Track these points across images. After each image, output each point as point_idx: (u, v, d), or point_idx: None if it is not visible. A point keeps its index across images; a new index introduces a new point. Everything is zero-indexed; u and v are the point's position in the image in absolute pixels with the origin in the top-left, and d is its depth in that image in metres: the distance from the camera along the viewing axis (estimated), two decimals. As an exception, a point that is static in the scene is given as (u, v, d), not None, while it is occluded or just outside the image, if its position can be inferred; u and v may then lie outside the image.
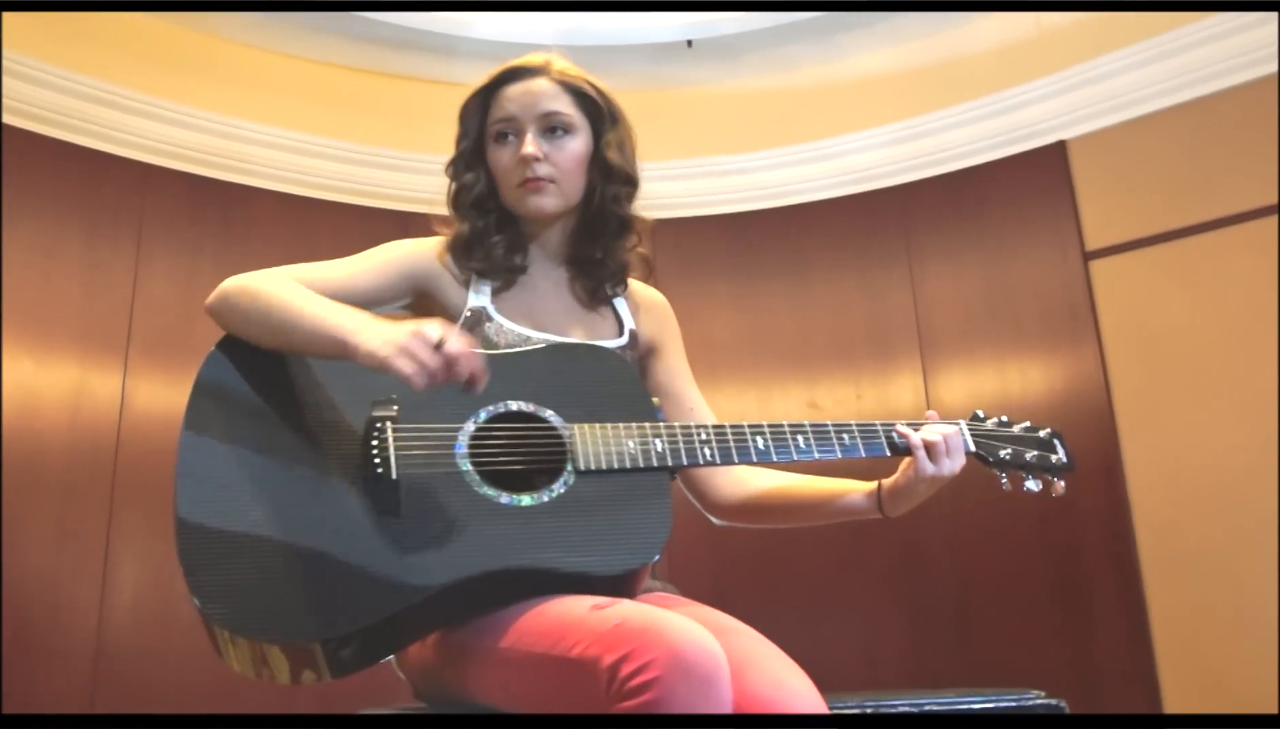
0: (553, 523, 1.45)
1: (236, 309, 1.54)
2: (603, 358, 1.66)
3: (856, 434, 1.65)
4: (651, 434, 1.55)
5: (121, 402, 3.67)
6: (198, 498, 1.42)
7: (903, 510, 1.70)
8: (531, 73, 1.76)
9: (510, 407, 1.55)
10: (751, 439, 1.61)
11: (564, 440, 1.53)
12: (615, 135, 1.78)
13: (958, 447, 1.67)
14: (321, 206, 4.26)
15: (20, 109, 3.73)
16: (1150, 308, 3.80)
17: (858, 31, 4.35)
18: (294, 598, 1.37)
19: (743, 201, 4.55)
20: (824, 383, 4.26)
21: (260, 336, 1.52)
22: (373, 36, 4.28)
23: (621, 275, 1.81)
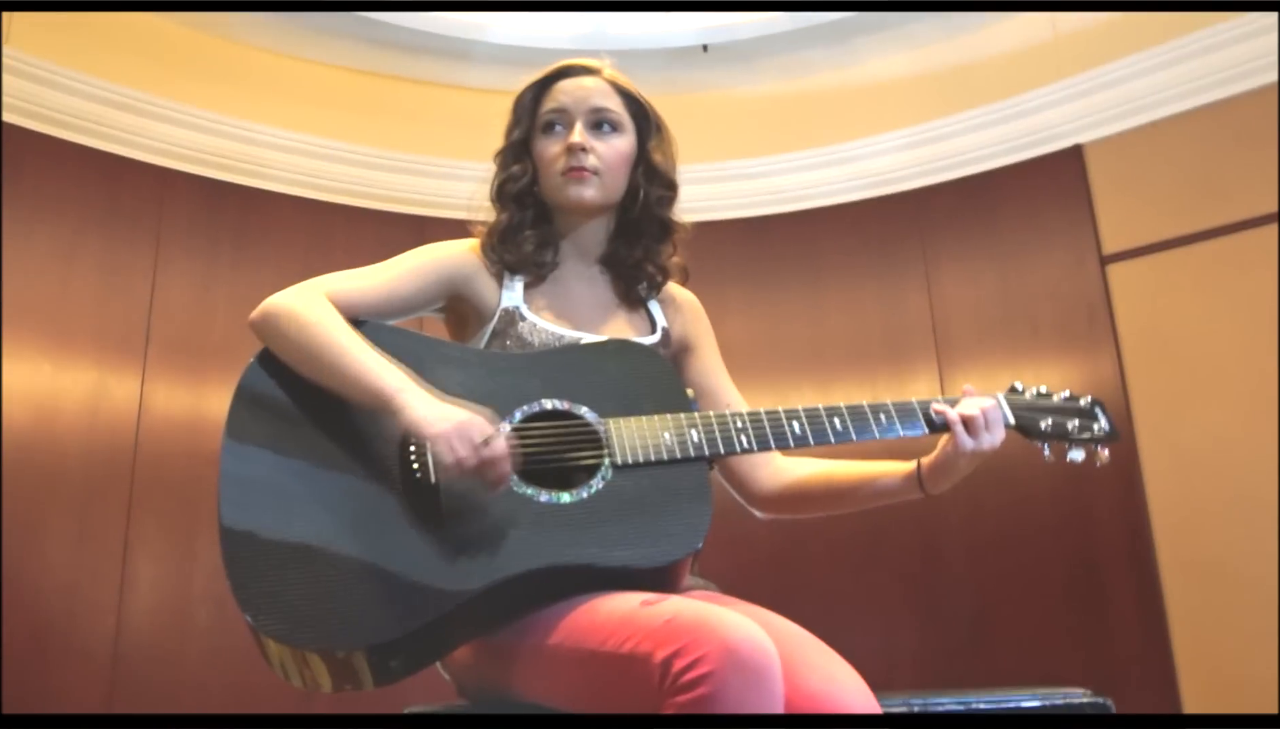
0: (593, 519, 1.46)
1: (281, 335, 1.54)
2: (635, 352, 1.67)
3: (894, 413, 1.64)
4: (687, 425, 1.56)
5: (140, 404, 3.69)
6: (242, 507, 1.42)
7: (944, 488, 1.68)
8: (585, 71, 1.80)
9: (545, 405, 1.55)
10: (788, 424, 1.60)
11: (600, 436, 1.53)
12: (659, 141, 1.81)
13: (997, 420, 1.64)
14: (337, 210, 4.28)
15: (39, 113, 3.75)
16: (1168, 312, 3.78)
17: (873, 36, 4.35)
18: (340, 607, 1.37)
19: (758, 206, 4.55)
20: (840, 387, 4.25)
21: (300, 366, 1.54)
22: (389, 41, 4.29)
23: (663, 279, 1.82)
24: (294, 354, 1.53)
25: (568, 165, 1.72)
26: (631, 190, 1.78)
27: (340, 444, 1.49)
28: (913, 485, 1.70)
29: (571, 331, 1.70)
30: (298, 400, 1.53)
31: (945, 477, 1.67)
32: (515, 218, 1.75)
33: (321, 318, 1.53)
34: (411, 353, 1.58)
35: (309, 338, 1.52)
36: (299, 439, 1.49)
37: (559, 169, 1.73)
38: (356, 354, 1.50)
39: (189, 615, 3.55)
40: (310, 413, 1.52)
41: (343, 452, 1.49)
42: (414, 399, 1.44)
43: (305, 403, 1.52)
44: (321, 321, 1.53)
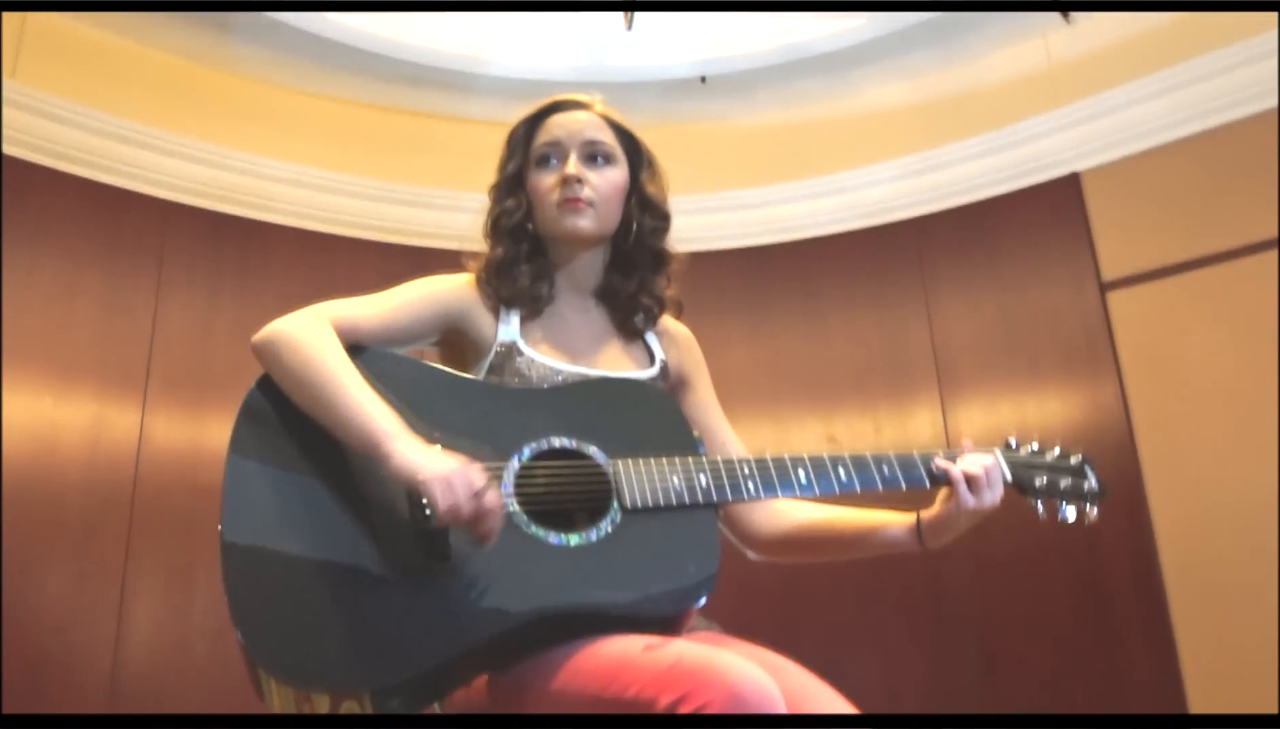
0: (602, 563, 1.45)
1: (281, 364, 1.53)
2: (643, 391, 1.68)
3: (896, 466, 1.66)
4: (695, 469, 1.56)
5: (140, 437, 3.68)
6: (246, 546, 1.41)
7: (942, 543, 1.69)
8: (578, 105, 1.82)
9: (553, 443, 1.55)
10: (794, 472, 1.61)
11: (608, 477, 1.53)
12: (651, 173, 1.83)
13: (997, 478, 1.66)
14: (339, 243, 4.29)
15: (43, 146, 3.77)
16: (1169, 338, 3.78)
17: (869, 66, 4.38)
18: (344, 647, 1.37)
19: (757, 235, 4.56)
20: (841, 416, 4.24)
21: (296, 397, 1.53)
22: (390, 74, 4.31)
23: (659, 311, 1.83)
24: (291, 384, 1.53)
25: (563, 196, 1.73)
26: (625, 222, 1.79)
27: (347, 479, 1.48)
28: (912, 540, 1.71)
29: (569, 365, 1.70)
30: (302, 433, 1.51)
31: (945, 533, 1.68)
32: (510, 252, 1.76)
33: (322, 350, 1.52)
34: (418, 384, 1.58)
35: (308, 370, 1.51)
36: (304, 475, 1.48)
37: (554, 201, 1.74)
38: (353, 392, 1.48)
39: (187, 650, 3.53)
40: (316, 447, 1.50)
41: (349, 487, 1.48)
42: (404, 445, 1.42)
43: (310, 436, 1.51)
44: (322, 354, 1.52)
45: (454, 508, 1.36)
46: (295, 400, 1.52)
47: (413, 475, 1.38)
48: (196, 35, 4.05)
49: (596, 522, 1.49)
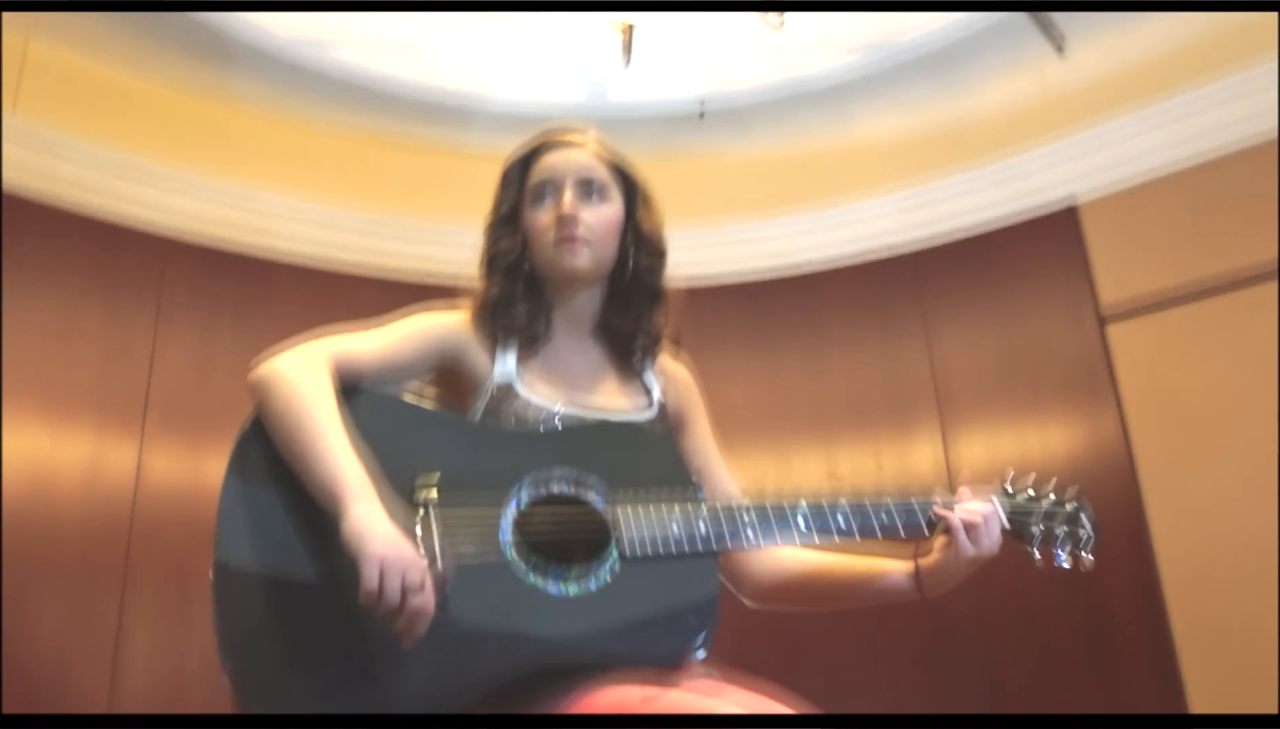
0: (601, 614, 1.44)
1: (268, 404, 1.51)
2: (641, 434, 1.67)
3: (895, 513, 1.65)
4: (695, 515, 1.55)
5: (137, 474, 3.66)
6: (237, 591, 1.40)
7: (942, 590, 1.68)
8: (572, 139, 1.81)
9: (552, 488, 1.53)
10: (793, 519, 1.60)
11: (607, 523, 1.52)
12: (646, 208, 1.82)
13: (995, 525, 1.66)
14: (338, 278, 4.28)
15: (41, 180, 3.77)
16: (1169, 369, 3.77)
17: (866, 98, 4.39)
18: (335, 696, 1.35)
19: (756, 268, 4.56)
20: (843, 449, 4.23)
21: (276, 441, 1.50)
22: (389, 107, 4.33)
23: (656, 347, 1.81)
24: (273, 427, 1.50)
25: (559, 235, 1.71)
26: (621, 258, 1.78)
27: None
28: (911, 587, 1.70)
29: (567, 405, 1.69)
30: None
31: (944, 580, 1.67)
32: (506, 290, 1.74)
33: (307, 394, 1.49)
34: (416, 426, 1.57)
35: (289, 413, 1.48)
36: (297, 517, 1.45)
37: (550, 239, 1.72)
38: (327, 442, 1.44)
39: (183, 694, 3.48)
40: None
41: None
42: (361, 510, 1.36)
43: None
44: (306, 398, 1.49)
45: (380, 594, 1.30)
46: (274, 441, 1.50)
47: (356, 546, 1.32)
48: (197, 70, 4.06)
49: (595, 568, 1.47)
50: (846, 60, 4.13)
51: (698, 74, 4.22)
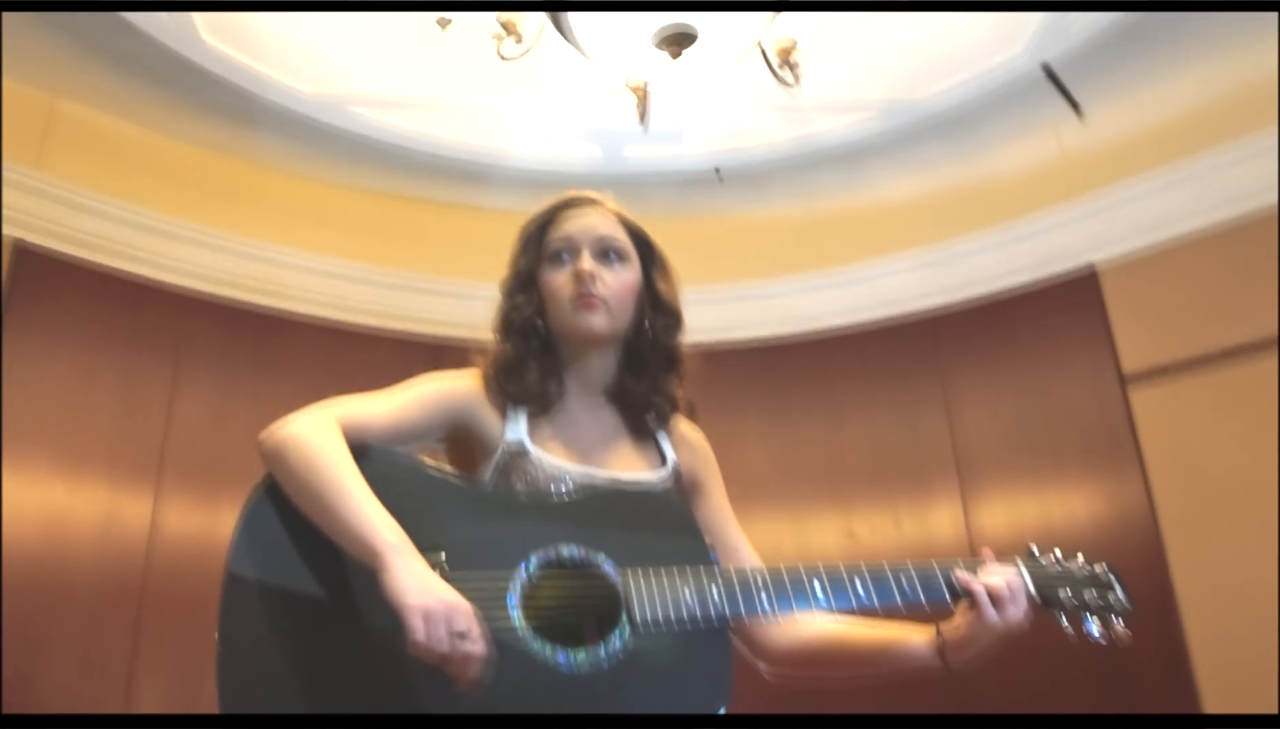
0: (613, 689, 1.41)
1: (285, 467, 1.51)
2: (654, 497, 1.64)
3: (916, 580, 1.60)
4: (708, 582, 1.51)
5: (151, 528, 3.65)
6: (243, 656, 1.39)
7: (966, 660, 1.64)
8: (591, 203, 1.82)
9: (562, 553, 1.51)
10: (810, 586, 1.56)
11: (618, 591, 1.48)
12: (663, 272, 1.82)
13: (1020, 591, 1.61)
14: (356, 333, 4.30)
15: (62, 234, 3.80)
16: (1194, 434, 3.72)
17: (882, 159, 4.40)
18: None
19: (773, 328, 4.55)
20: (861, 512, 4.18)
21: (299, 502, 1.49)
22: (408, 165, 4.36)
23: (670, 412, 1.80)
24: (294, 488, 1.50)
25: (576, 294, 1.71)
26: (637, 321, 1.77)
27: (346, 588, 1.44)
28: (933, 657, 1.66)
29: (579, 467, 1.67)
30: (302, 538, 1.48)
31: (968, 650, 1.63)
32: (519, 349, 1.73)
33: (327, 454, 1.50)
34: (425, 489, 1.55)
35: (311, 474, 1.48)
36: (303, 585, 1.45)
37: (567, 297, 1.72)
38: (355, 499, 1.44)
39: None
40: (315, 553, 1.47)
41: (352, 596, 1.44)
42: (401, 562, 1.37)
43: (310, 541, 1.47)
44: (326, 458, 1.49)
45: (428, 644, 1.31)
46: (298, 505, 1.49)
47: (400, 598, 1.33)
48: (219, 127, 4.10)
49: (606, 638, 1.44)
50: (862, 121, 4.15)
51: (714, 135, 4.24)
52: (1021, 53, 3.76)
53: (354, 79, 3.87)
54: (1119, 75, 3.93)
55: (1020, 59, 3.79)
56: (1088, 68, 3.87)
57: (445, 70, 3.83)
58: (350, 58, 3.76)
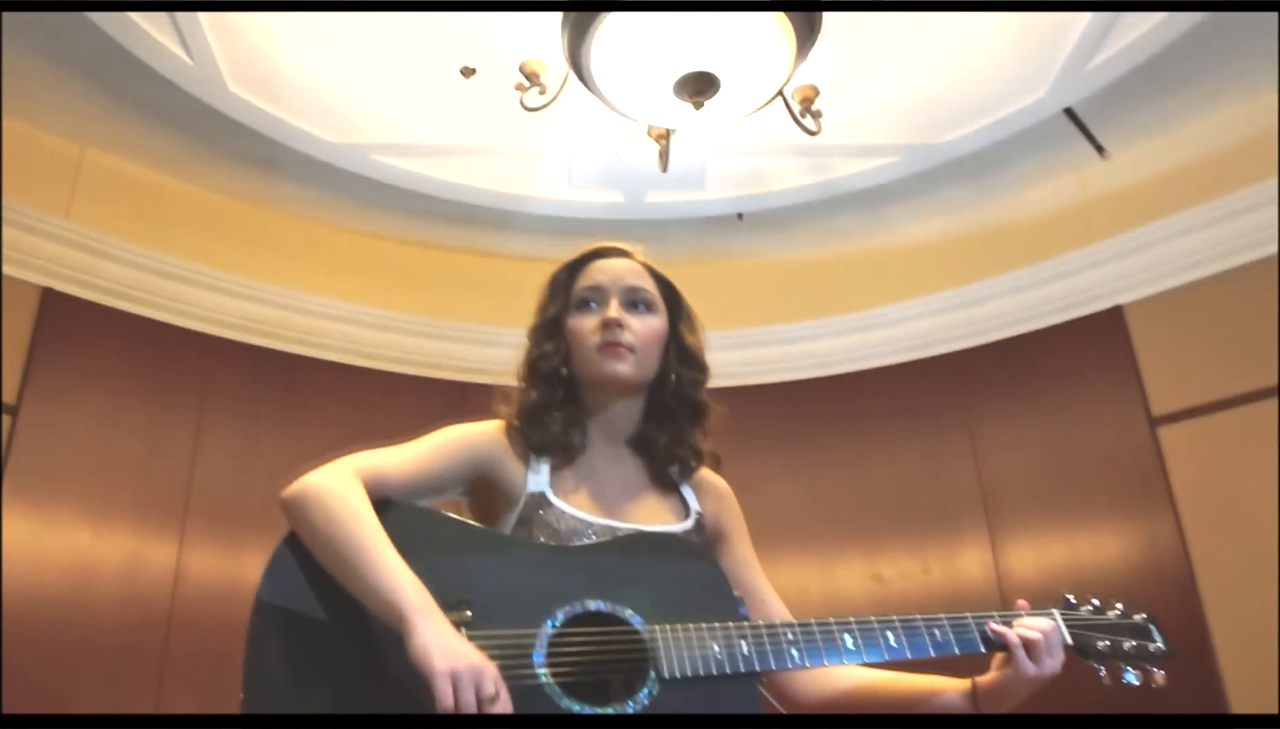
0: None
1: (308, 523, 1.50)
2: (680, 547, 1.62)
3: (949, 630, 1.58)
4: (736, 635, 1.50)
5: (176, 573, 3.65)
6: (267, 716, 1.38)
7: (1000, 711, 1.61)
8: (620, 253, 1.82)
9: (589, 606, 1.49)
10: (840, 638, 1.54)
11: (645, 644, 1.47)
12: (689, 324, 1.82)
13: (1057, 642, 1.59)
14: (379, 377, 4.31)
15: (89, 281, 3.85)
16: (1225, 474, 3.67)
17: (905, 203, 4.40)
18: None
19: (797, 370, 4.54)
20: (888, 555, 4.14)
21: (322, 559, 1.49)
22: (431, 211, 4.39)
23: (696, 463, 1.79)
24: (317, 544, 1.49)
25: (604, 340, 1.71)
26: (663, 372, 1.77)
27: (369, 643, 1.44)
28: (967, 709, 1.63)
29: (601, 518, 1.66)
30: (325, 593, 1.47)
31: (1003, 701, 1.60)
32: (544, 397, 1.73)
33: (350, 510, 1.49)
34: (447, 542, 1.54)
35: (334, 531, 1.47)
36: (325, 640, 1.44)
37: (594, 344, 1.72)
38: (380, 558, 1.43)
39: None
40: (338, 609, 1.46)
41: (375, 654, 1.43)
42: (427, 625, 1.36)
43: (332, 596, 1.47)
44: (350, 514, 1.48)
45: (455, 711, 1.30)
46: (321, 561, 1.48)
47: (426, 663, 1.31)
48: (244, 174, 4.15)
49: (633, 691, 1.43)
50: (885, 165, 4.16)
51: (735, 179, 4.25)
52: (1044, 97, 3.76)
53: (378, 127, 3.91)
54: (1142, 118, 3.93)
55: (1043, 103, 3.79)
56: (1111, 111, 3.87)
57: (468, 118, 3.87)
58: (374, 106, 3.80)
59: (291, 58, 3.54)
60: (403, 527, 1.50)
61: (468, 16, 3.35)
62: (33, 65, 3.54)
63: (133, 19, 3.30)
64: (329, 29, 3.44)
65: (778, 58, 2.53)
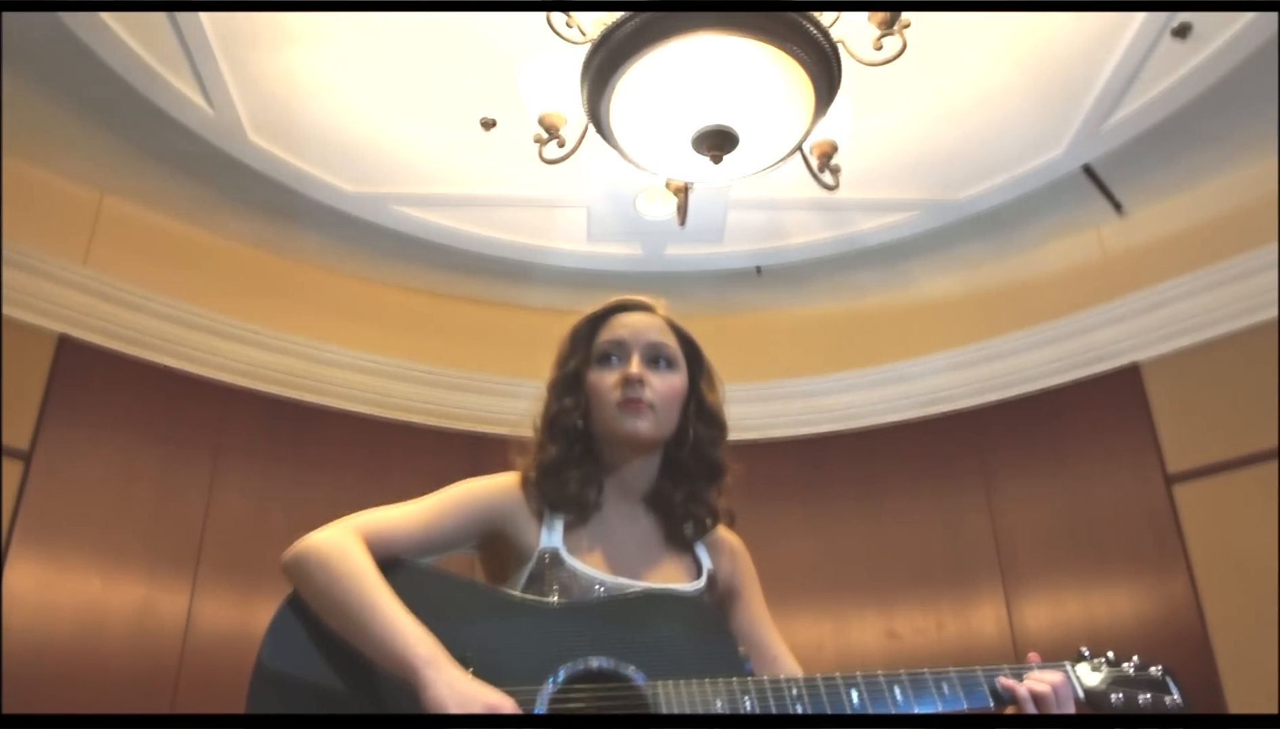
0: None
1: (310, 583, 1.50)
2: (688, 606, 1.61)
3: (958, 684, 1.56)
4: (739, 690, 1.48)
5: (187, 622, 3.63)
6: None
7: None
8: (643, 307, 1.82)
9: (590, 664, 1.48)
10: (845, 692, 1.52)
11: (647, 701, 1.45)
12: (709, 382, 1.81)
13: (1068, 697, 1.56)
14: (395, 428, 4.31)
15: (106, 329, 3.86)
16: (1241, 532, 3.64)
17: (923, 258, 4.41)
18: None
19: (814, 424, 4.53)
20: (903, 611, 4.11)
21: (327, 619, 1.48)
22: (449, 262, 4.41)
23: (712, 522, 1.77)
24: (322, 605, 1.48)
25: (624, 396, 1.70)
26: (681, 430, 1.76)
27: (372, 701, 1.42)
28: None
29: (613, 577, 1.64)
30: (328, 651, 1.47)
31: None
32: (563, 453, 1.72)
33: (353, 568, 1.48)
34: (450, 599, 1.53)
35: (338, 589, 1.46)
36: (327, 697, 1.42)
37: (614, 400, 1.71)
38: (387, 613, 1.43)
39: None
40: (340, 666, 1.45)
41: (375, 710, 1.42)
42: (440, 675, 1.36)
43: (334, 655, 1.46)
44: (353, 572, 1.47)
45: None
46: (326, 622, 1.47)
47: (442, 709, 1.32)
48: (262, 224, 4.18)
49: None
50: (903, 220, 4.17)
51: (754, 233, 4.26)
52: (1062, 154, 3.78)
53: (396, 177, 3.94)
54: (1160, 175, 3.94)
55: (1061, 160, 3.81)
56: (1128, 168, 3.88)
57: (488, 169, 3.89)
58: (393, 156, 3.82)
59: (311, 107, 3.57)
60: (407, 586, 1.49)
61: (489, 68, 3.38)
62: (53, 112, 3.57)
63: (155, 68, 3.34)
64: (349, 79, 3.47)
65: (796, 113, 2.53)
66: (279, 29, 3.25)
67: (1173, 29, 3.23)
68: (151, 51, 3.30)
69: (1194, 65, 3.37)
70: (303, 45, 3.31)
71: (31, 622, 3.36)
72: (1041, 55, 3.37)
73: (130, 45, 3.25)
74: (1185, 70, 3.39)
